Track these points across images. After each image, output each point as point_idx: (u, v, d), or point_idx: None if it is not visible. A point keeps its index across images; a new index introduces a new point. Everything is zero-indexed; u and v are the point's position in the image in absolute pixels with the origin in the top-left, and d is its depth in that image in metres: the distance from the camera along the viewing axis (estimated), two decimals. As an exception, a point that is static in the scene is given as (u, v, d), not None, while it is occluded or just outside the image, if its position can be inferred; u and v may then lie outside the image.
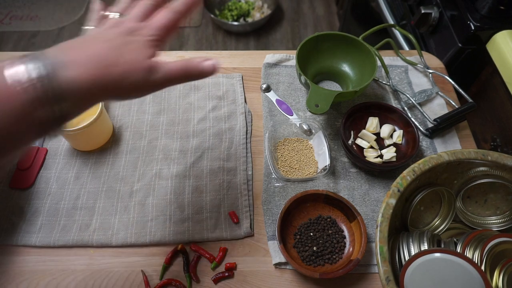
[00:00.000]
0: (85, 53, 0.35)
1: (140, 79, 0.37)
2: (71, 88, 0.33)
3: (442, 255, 0.43)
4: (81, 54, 0.35)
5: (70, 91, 0.33)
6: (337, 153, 0.64)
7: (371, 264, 0.54)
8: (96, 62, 0.35)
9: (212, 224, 0.57)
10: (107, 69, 0.35)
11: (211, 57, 0.40)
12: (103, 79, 0.35)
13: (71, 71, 0.33)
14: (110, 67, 0.35)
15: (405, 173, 0.47)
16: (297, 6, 2.24)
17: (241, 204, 0.58)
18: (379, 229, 0.44)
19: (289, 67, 0.76)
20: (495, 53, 0.77)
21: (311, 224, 0.55)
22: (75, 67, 0.34)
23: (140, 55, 0.37)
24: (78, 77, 0.34)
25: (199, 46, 2.04)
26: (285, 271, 0.53)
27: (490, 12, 0.79)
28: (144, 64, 0.37)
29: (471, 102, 0.67)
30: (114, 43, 0.37)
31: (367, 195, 0.60)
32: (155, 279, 0.52)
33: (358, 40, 0.69)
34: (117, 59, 0.36)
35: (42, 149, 0.63)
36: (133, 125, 0.67)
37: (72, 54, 0.35)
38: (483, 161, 0.50)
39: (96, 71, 0.34)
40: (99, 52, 0.36)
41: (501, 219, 0.53)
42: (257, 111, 0.70)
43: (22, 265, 0.53)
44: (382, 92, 0.73)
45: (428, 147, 0.66)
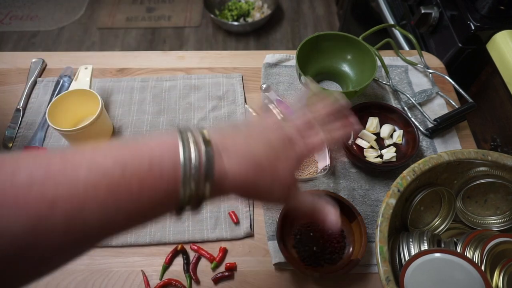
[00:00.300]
0: (247, 151, 0.34)
1: (280, 193, 0.37)
2: (222, 179, 0.32)
3: (442, 255, 0.43)
4: (243, 150, 0.34)
5: (219, 182, 0.32)
6: (337, 153, 0.64)
7: (371, 264, 0.54)
8: (254, 165, 0.34)
9: (212, 224, 0.57)
10: (260, 176, 0.35)
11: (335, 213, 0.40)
12: (251, 182, 0.34)
13: (227, 163, 0.33)
14: (263, 174, 0.35)
15: (405, 173, 0.47)
16: (297, 6, 2.24)
17: (241, 204, 0.58)
18: (379, 229, 0.44)
19: (289, 67, 0.76)
20: (495, 53, 0.77)
21: (311, 224, 0.55)
22: (233, 161, 0.33)
23: (290, 169, 0.37)
24: (231, 171, 0.33)
25: (199, 46, 2.04)
26: (285, 271, 0.53)
27: (490, 12, 0.79)
28: (289, 181, 0.37)
29: (471, 102, 0.67)
30: (274, 152, 0.36)
31: (367, 195, 0.60)
32: (155, 279, 0.52)
33: (358, 40, 0.69)
34: (272, 168, 0.35)
35: (42, 149, 0.63)
36: (133, 125, 0.67)
37: (234, 146, 0.34)
38: (483, 161, 0.50)
39: (249, 174, 0.34)
40: (259, 155, 0.35)
41: (501, 219, 0.53)
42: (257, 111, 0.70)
43: (22, 265, 0.53)
44: (382, 92, 0.73)
45: (428, 147, 0.66)
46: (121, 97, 0.71)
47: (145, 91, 0.72)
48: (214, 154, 0.32)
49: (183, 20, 2.16)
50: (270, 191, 0.36)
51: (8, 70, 0.75)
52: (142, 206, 0.29)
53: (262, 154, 0.35)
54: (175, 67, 0.76)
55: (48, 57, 0.77)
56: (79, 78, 0.64)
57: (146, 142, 0.31)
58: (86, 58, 0.78)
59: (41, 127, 0.66)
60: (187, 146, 0.31)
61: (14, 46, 2.03)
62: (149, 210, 0.30)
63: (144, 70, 0.76)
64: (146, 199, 0.28)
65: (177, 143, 0.30)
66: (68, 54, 0.78)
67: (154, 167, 0.29)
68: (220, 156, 0.32)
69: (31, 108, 0.69)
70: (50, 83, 0.72)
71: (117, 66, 0.76)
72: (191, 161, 0.30)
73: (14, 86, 0.73)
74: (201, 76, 0.74)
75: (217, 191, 0.33)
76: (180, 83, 0.73)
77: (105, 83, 0.73)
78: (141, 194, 0.28)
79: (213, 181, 0.31)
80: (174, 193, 0.30)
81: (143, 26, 2.13)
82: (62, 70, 0.74)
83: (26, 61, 0.76)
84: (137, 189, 0.28)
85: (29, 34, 2.09)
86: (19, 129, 0.66)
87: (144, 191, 0.28)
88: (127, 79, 0.74)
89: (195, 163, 0.30)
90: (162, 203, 0.30)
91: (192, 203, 0.31)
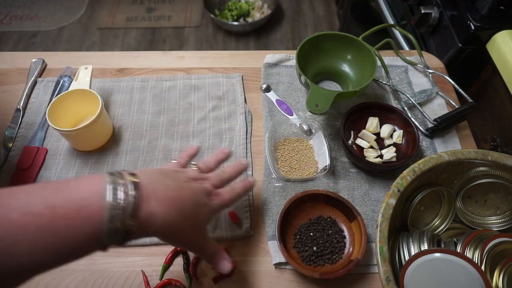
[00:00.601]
0: (175, 196, 0.38)
1: (197, 239, 0.42)
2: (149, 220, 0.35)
3: (442, 255, 0.43)
4: (172, 195, 0.38)
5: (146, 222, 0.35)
6: (337, 153, 0.64)
7: (371, 264, 0.54)
8: (180, 210, 0.38)
9: (212, 224, 0.57)
10: (184, 220, 0.39)
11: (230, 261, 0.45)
12: (177, 225, 0.38)
13: (155, 206, 0.36)
14: (186, 220, 0.39)
15: (405, 173, 0.47)
16: (297, 6, 2.24)
17: (241, 204, 0.58)
18: (379, 229, 0.44)
19: (289, 67, 0.76)
20: (495, 53, 0.78)
21: (311, 224, 0.55)
22: (162, 204, 0.36)
23: (206, 220, 0.43)
24: (160, 214, 0.36)
25: (199, 46, 2.04)
26: (285, 271, 0.53)
27: (490, 12, 0.79)
28: (204, 229, 0.43)
29: (471, 102, 0.67)
30: (197, 199, 0.41)
31: (367, 195, 0.60)
32: (155, 279, 0.52)
33: (358, 40, 0.69)
34: (194, 215, 0.40)
35: (42, 149, 0.63)
36: (133, 125, 0.67)
37: (164, 191, 0.38)
38: (483, 161, 0.50)
39: (177, 217, 0.38)
40: (185, 201, 0.39)
41: (501, 219, 0.53)
42: (257, 111, 0.70)
43: (22, 265, 0.53)
44: (382, 92, 0.73)
45: (428, 147, 0.66)
46: (121, 97, 0.71)
47: (145, 91, 0.72)
48: (142, 197, 0.35)
49: (183, 20, 2.16)
50: (189, 233, 0.40)
51: (8, 70, 0.75)
52: (69, 246, 0.31)
53: (187, 201, 0.39)
54: (175, 67, 0.76)
55: (48, 57, 0.77)
56: (79, 78, 0.64)
57: (77, 185, 0.33)
58: (86, 58, 0.78)
59: (41, 127, 0.66)
60: (115, 189, 0.33)
61: (14, 46, 2.03)
62: (77, 249, 0.32)
63: (144, 70, 0.76)
64: (73, 239, 0.31)
65: (105, 186, 0.33)
66: (68, 54, 0.78)
67: (82, 209, 0.31)
68: (148, 200, 0.35)
69: (31, 108, 0.69)
70: (50, 83, 0.72)
71: (117, 66, 0.76)
72: (118, 203, 0.33)
73: (14, 86, 0.73)
74: (201, 76, 0.74)
75: (143, 232, 0.36)
76: (180, 83, 0.73)
77: (105, 83, 0.73)
78: (68, 235, 0.31)
79: (139, 222, 0.34)
80: (99, 234, 0.32)
81: (143, 26, 2.13)
82: (62, 70, 0.74)
83: (26, 61, 0.76)
84: (64, 230, 0.30)
85: (29, 34, 2.09)
86: (19, 129, 0.66)
87: (71, 232, 0.31)
88: (127, 79, 0.74)
89: (121, 205, 0.33)
90: (89, 242, 0.32)
91: (117, 242, 0.34)
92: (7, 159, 0.63)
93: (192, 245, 0.43)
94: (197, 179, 0.45)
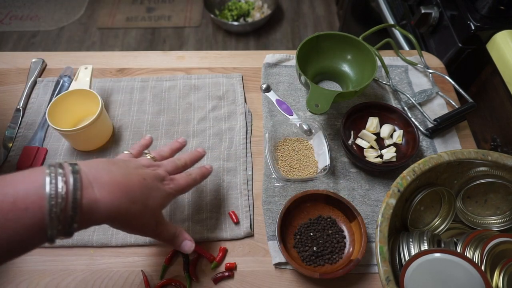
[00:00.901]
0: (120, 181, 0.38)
1: (150, 223, 0.42)
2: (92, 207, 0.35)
3: (442, 255, 0.43)
4: (117, 180, 0.38)
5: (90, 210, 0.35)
6: (337, 153, 0.64)
7: (371, 264, 0.54)
8: (127, 193, 0.38)
9: (212, 224, 0.57)
10: (133, 203, 0.39)
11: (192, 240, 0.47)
12: (124, 210, 0.38)
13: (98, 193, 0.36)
14: (136, 203, 0.39)
15: (405, 173, 0.47)
16: (297, 6, 2.24)
17: (241, 204, 0.58)
18: (379, 229, 0.44)
19: (289, 67, 0.76)
20: (495, 53, 0.78)
21: (311, 224, 0.55)
22: (105, 190, 0.36)
23: (160, 204, 0.43)
24: (103, 200, 0.36)
25: (199, 46, 2.04)
26: (285, 271, 0.53)
27: (490, 12, 0.79)
28: (158, 213, 0.43)
29: (471, 102, 0.67)
30: (147, 183, 0.41)
31: (367, 195, 0.60)
32: (155, 279, 0.52)
33: (358, 40, 0.69)
34: (144, 199, 0.40)
35: (42, 149, 0.63)
36: (133, 125, 0.67)
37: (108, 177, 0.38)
38: (483, 161, 0.50)
39: (122, 201, 0.38)
40: (133, 185, 0.39)
41: (501, 219, 0.53)
42: (257, 111, 0.70)
43: (22, 265, 0.53)
44: (382, 92, 0.73)
45: (428, 147, 0.66)
46: (121, 97, 0.71)
47: (145, 91, 0.72)
48: (83, 185, 0.35)
49: (183, 20, 2.16)
50: (140, 216, 0.40)
51: (8, 70, 0.75)
52: (10, 238, 0.31)
53: (136, 185, 0.40)
54: (175, 67, 0.76)
55: (48, 57, 0.77)
56: (79, 78, 0.64)
57: (13, 178, 0.33)
58: (86, 58, 0.78)
59: (41, 127, 0.66)
60: (54, 178, 0.33)
61: (14, 46, 2.03)
62: (20, 241, 0.32)
63: (144, 70, 0.76)
64: (13, 231, 0.31)
65: (44, 177, 0.33)
66: (68, 54, 0.78)
67: (19, 201, 0.31)
68: (91, 186, 0.35)
69: (31, 108, 0.69)
70: (50, 83, 0.72)
71: (117, 66, 0.76)
72: (57, 192, 0.33)
73: (14, 86, 0.73)
74: (201, 76, 0.74)
75: (88, 220, 0.35)
76: (180, 83, 0.73)
77: (105, 83, 0.73)
78: (6, 227, 0.31)
79: (82, 210, 0.34)
80: (42, 225, 0.32)
81: (143, 26, 2.13)
82: (62, 70, 0.74)
83: (26, 61, 0.76)
84: (1, 222, 0.30)
85: (29, 34, 2.09)
86: (19, 129, 0.66)
87: (10, 224, 0.31)
88: (127, 79, 0.74)
89: (61, 193, 0.33)
90: (31, 234, 0.32)
91: (61, 233, 0.34)
92: (7, 159, 0.63)
93: (145, 230, 0.43)
94: (150, 166, 0.45)
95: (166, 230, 0.44)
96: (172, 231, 0.45)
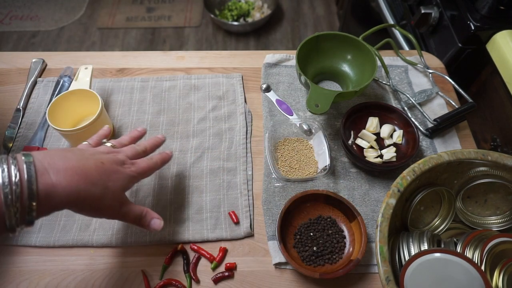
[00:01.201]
0: (77, 166, 0.39)
1: (114, 205, 0.43)
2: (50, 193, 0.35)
3: (442, 255, 0.43)
4: (72, 165, 0.38)
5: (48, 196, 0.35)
6: (337, 153, 0.64)
7: (371, 264, 0.54)
8: (84, 177, 0.39)
9: (212, 224, 0.57)
10: (92, 186, 0.39)
11: (160, 218, 0.47)
12: (84, 193, 0.38)
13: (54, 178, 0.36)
14: (95, 185, 0.39)
15: (405, 173, 0.47)
16: (297, 6, 2.24)
17: (241, 204, 0.58)
18: (379, 229, 0.44)
19: (289, 67, 0.76)
20: (495, 53, 0.77)
21: (311, 224, 0.55)
22: (61, 175, 0.37)
23: (121, 185, 0.43)
24: (60, 185, 0.36)
25: (199, 46, 2.04)
26: (285, 271, 0.53)
27: (490, 12, 0.79)
28: (121, 195, 0.44)
29: (471, 102, 0.67)
30: (105, 167, 0.42)
31: (367, 195, 0.60)
32: (155, 279, 0.52)
33: (358, 40, 0.69)
34: (104, 181, 0.41)
35: (42, 149, 0.63)
36: (133, 125, 0.67)
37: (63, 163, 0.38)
38: (483, 161, 0.50)
39: (80, 184, 0.38)
40: (90, 169, 0.40)
41: (501, 219, 0.53)
42: (257, 111, 0.70)
43: (22, 265, 0.53)
44: (382, 92, 0.73)
45: (428, 147, 0.66)
46: (121, 97, 0.71)
47: (145, 91, 0.72)
48: (37, 171, 0.35)
49: (183, 20, 2.16)
50: (101, 198, 0.40)
51: (8, 70, 0.75)
52: None
53: (93, 169, 0.40)
54: (175, 67, 0.76)
55: (48, 57, 0.77)
56: (79, 78, 0.64)
57: None
58: (86, 58, 0.78)
59: (41, 127, 0.66)
60: (7, 168, 0.33)
61: (14, 46, 2.03)
62: None
63: (144, 70, 0.76)
64: None
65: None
66: (68, 54, 0.78)
67: None
68: (47, 172, 0.36)
69: (31, 108, 0.69)
70: (50, 83, 0.72)
71: (117, 66, 0.76)
72: (11, 180, 0.33)
73: (14, 86, 0.73)
74: (201, 76, 0.74)
75: (48, 206, 0.36)
76: (180, 83, 0.73)
77: (105, 83, 0.73)
78: None
79: (39, 196, 0.34)
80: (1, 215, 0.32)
81: (143, 26, 2.13)
82: (62, 70, 0.74)
83: (26, 61, 0.76)
84: None
85: (29, 34, 2.09)
86: (19, 129, 0.66)
87: None
88: (127, 79, 0.74)
89: (15, 181, 0.33)
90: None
91: (21, 222, 0.34)
92: (7, 159, 0.63)
93: (110, 212, 0.43)
94: (109, 153, 0.46)
95: (132, 210, 0.45)
96: (139, 212, 0.46)
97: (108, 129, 0.54)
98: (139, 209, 0.46)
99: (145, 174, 0.48)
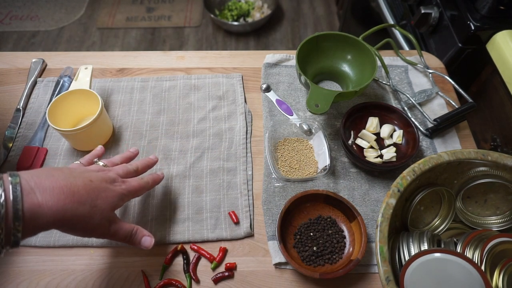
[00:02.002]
0: (64, 185, 0.38)
1: (102, 224, 0.42)
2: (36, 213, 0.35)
3: (442, 255, 0.43)
4: (60, 184, 0.38)
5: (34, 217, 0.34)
6: (337, 153, 0.64)
7: (371, 264, 0.54)
8: (72, 195, 0.38)
9: (212, 224, 0.57)
10: (79, 205, 0.38)
11: (151, 235, 0.48)
12: (70, 212, 0.38)
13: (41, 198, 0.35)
14: (83, 204, 0.39)
15: (405, 173, 0.47)
16: (297, 6, 2.24)
17: (241, 204, 0.58)
18: (379, 229, 0.44)
19: (289, 67, 0.76)
20: (495, 53, 0.77)
21: (311, 224, 0.55)
22: (47, 195, 0.36)
23: (111, 203, 0.43)
24: (47, 204, 0.35)
25: (199, 46, 2.04)
26: (285, 271, 0.53)
27: (490, 12, 0.79)
28: (110, 213, 0.43)
29: (471, 102, 0.67)
30: (94, 185, 0.41)
31: (367, 195, 0.60)
32: (155, 279, 0.52)
33: (358, 40, 0.69)
34: (92, 199, 0.40)
35: (42, 149, 0.63)
36: (133, 125, 0.67)
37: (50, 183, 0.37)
38: (483, 161, 0.50)
39: (67, 203, 0.37)
40: (77, 187, 0.39)
41: (501, 219, 0.53)
42: (257, 111, 0.70)
43: (22, 265, 0.53)
44: (382, 92, 0.73)
45: (428, 147, 0.66)
46: (121, 97, 0.71)
47: (145, 91, 0.72)
48: (23, 191, 0.34)
49: (183, 20, 2.16)
50: (90, 217, 0.40)
51: (8, 70, 0.75)
52: None
53: (81, 187, 0.39)
54: (175, 67, 0.76)
55: (48, 57, 0.77)
56: (79, 78, 0.64)
57: None
58: (86, 58, 0.78)
59: (41, 127, 0.66)
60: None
61: (14, 46, 2.03)
62: None
63: (144, 70, 0.76)
64: None
65: None
66: (68, 54, 0.78)
67: None
68: (33, 192, 0.35)
69: (31, 108, 0.69)
70: (50, 83, 0.72)
71: (117, 66, 0.76)
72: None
73: (14, 86, 0.73)
74: (201, 76, 0.74)
75: (34, 226, 0.35)
76: (180, 83, 0.73)
77: (105, 83, 0.73)
78: None
79: (25, 216, 0.34)
80: None
81: (143, 26, 2.13)
82: (62, 70, 0.74)
83: (26, 61, 0.76)
84: None
85: (29, 34, 2.09)
86: (19, 129, 0.66)
87: None
88: (127, 79, 0.74)
89: (1, 202, 0.32)
90: None
91: (6, 243, 0.33)
92: (7, 159, 0.63)
93: (99, 232, 0.43)
94: (100, 171, 0.45)
95: (122, 229, 0.45)
96: (129, 229, 0.45)
97: (101, 149, 0.53)
98: (129, 227, 0.45)
99: (135, 193, 0.47)
